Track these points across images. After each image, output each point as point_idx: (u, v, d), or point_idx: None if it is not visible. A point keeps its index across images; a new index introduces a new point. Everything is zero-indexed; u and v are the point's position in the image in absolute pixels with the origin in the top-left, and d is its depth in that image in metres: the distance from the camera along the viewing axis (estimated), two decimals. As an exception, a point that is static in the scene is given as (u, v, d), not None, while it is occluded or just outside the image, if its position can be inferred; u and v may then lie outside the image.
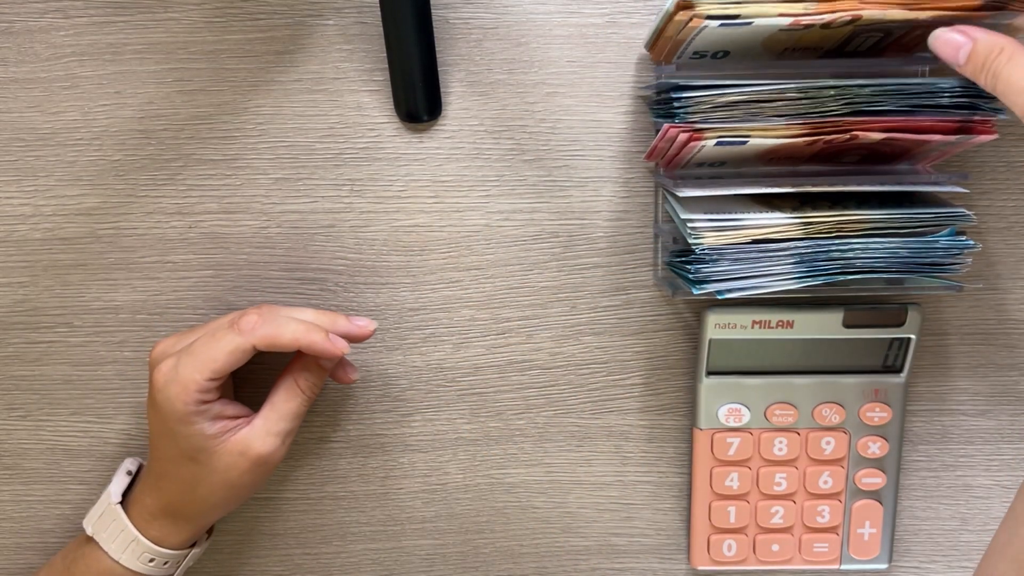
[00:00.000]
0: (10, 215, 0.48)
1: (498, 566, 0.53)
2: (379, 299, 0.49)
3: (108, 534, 0.44)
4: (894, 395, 0.48)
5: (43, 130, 0.47)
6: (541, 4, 0.46)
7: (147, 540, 0.43)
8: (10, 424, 0.50)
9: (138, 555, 0.44)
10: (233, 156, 0.47)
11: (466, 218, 0.48)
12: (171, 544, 0.44)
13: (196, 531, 0.45)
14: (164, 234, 0.48)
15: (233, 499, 0.44)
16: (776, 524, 0.49)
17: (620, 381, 0.50)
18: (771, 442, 0.48)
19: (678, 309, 0.49)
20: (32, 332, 0.49)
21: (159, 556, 0.44)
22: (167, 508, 0.44)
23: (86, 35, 0.46)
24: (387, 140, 0.47)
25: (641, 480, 0.51)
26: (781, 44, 0.40)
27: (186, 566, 0.46)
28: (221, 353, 0.41)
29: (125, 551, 0.44)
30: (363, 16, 0.46)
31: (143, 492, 0.45)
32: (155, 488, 0.44)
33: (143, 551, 0.44)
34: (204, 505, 0.44)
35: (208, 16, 0.46)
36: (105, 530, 0.44)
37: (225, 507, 0.45)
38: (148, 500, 0.44)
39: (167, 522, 0.44)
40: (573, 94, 0.46)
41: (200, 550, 0.47)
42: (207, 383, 0.41)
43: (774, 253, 0.40)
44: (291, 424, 0.44)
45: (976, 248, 0.41)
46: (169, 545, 0.44)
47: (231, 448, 0.42)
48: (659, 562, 0.52)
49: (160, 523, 0.44)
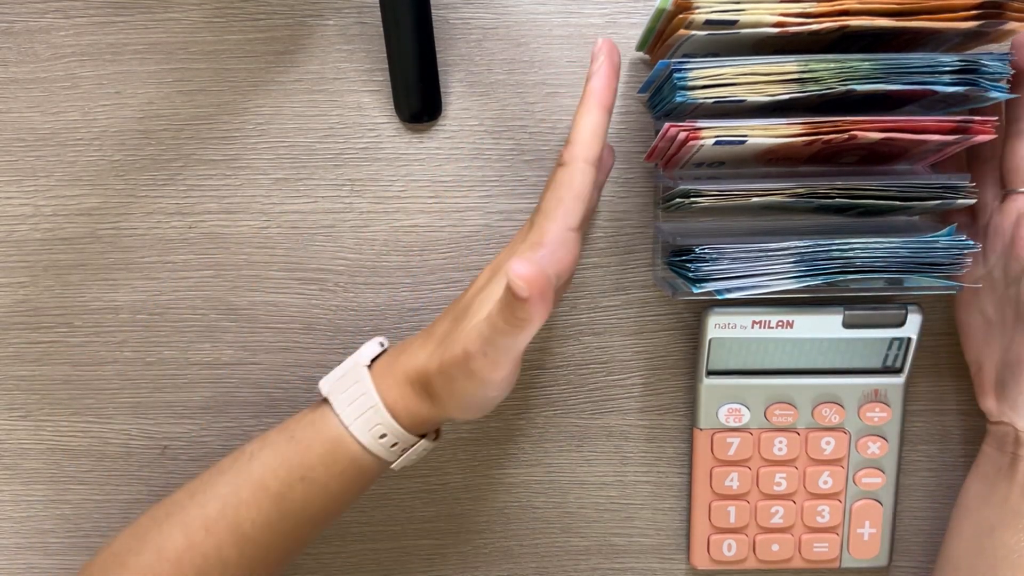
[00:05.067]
0: (10, 215, 0.48)
1: (498, 566, 0.53)
2: (379, 299, 0.49)
3: (346, 396, 0.41)
4: (894, 395, 0.48)
5: (43, 130, 0.47)
6: (541, 4, 0.46)
7: (385, 409, 0.40)
8: (10, 424, 0.50)
9: (371, 426, 0.40)
10: (233, 156, 0.47)
11: (466, 218, 0.48)
12: (405, 422, 0.41)
13: (434, 416, 0.41)
14: (164, 234, 0.48)
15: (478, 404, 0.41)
16: (776, 524, 0.49)
17: (620, 381, 0.50)
18: (771, 442, 0.48)
19: (678, 309, 0.49)
20: (32, 332, 0.49)
21: (391, 432, 0.40)
22: (422, 374, 0.40)
23: (86, 35, 0.46)
24: (387, 140, 0.47)
25: (641, 480, 0.51)
26: (771, 47, 0.40)
27: (408, 459, 0.42)
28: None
29: (359, 418, 0.40)
30: (363, 16, 0.46)
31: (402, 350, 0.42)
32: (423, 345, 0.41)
33: (377, 422, 0.40)
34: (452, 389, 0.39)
35: (208, 16, 0.46)
36: (344, 391, 0.41)
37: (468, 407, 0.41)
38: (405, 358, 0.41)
39: (411, 391, 0.40)
40: (573, 94, 0.46)
41: (427, 445, 0.43)
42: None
43: (774, 252, 0.40)
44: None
45: (976, 248, 0.41)
46: (403, 422, 0.40)
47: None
48: (659, 562, 0.52)
49: (404, 389, 0.40)
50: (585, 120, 0.38)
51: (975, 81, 0.38)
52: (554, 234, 0.38)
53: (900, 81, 0.38)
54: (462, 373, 0.38)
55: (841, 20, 0.36)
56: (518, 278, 0.32)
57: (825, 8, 0.36)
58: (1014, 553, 0.43)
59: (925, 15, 0.37)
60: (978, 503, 0.46)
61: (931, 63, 0.38)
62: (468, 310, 0.39)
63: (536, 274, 0.32)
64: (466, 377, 0.38)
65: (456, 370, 0.38)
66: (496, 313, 0.35)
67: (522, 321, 0.33)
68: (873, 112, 0.39)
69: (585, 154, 0.38)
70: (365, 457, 0.41)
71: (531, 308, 0.32)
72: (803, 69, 0.37)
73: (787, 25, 0.36)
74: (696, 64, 0.37)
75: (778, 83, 0.38)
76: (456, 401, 0.40)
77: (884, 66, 0.38)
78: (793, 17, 0.36)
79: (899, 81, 0.38)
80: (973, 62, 0.38)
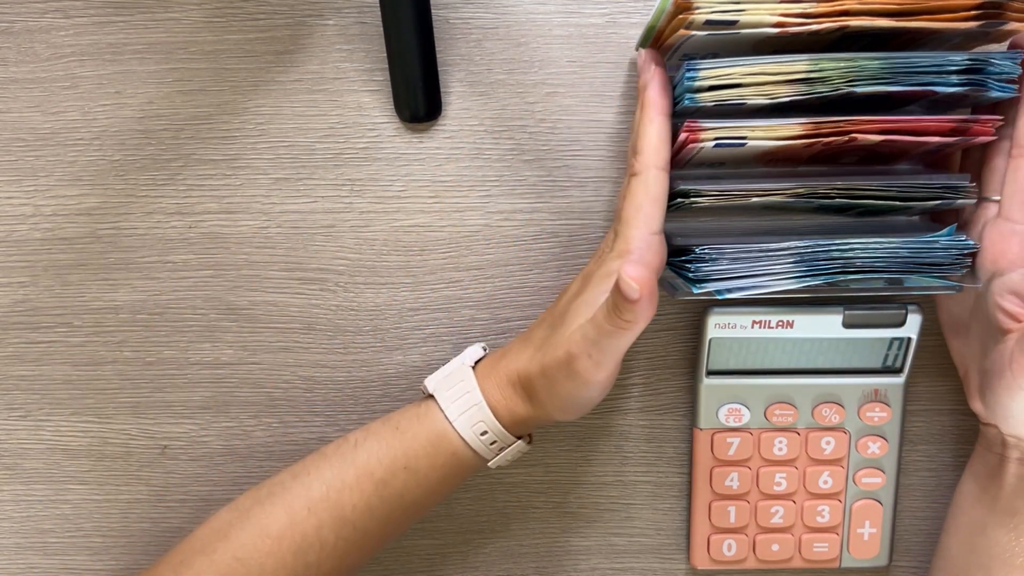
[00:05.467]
0: (10, 215, 0.48)
1: (498, 566, 0.53)
2: (379, 299, 0.49)
3: (451, 393, 0.43)
4: (894, 395, 0.48)
5: (43, 130, 0.47)
6: (541, 4, 0.46)
7: (488, 407, 0.42)
8: (10, 424, 0.50)
9: (473, 423, 0.42)
10: (233, 156, 0.47)
11: (466, 218, 0.48)
12: (505, 421, 0.43)
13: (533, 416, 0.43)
14: (164, 234, 0.48)
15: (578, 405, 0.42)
16: (776, 524, 0.49)
17: (620, 381, 0.50)
18: (771, 442, 0.48)
19: (678, 309, 0.49)
20: (32, 332, 0.49)
21: (491, 430, 0.42)
22: (524, 376, 0.42)
23: (86, 35, 0.46)
24: (387, 140, 0.47)
25: (641, 480, 0.51)
26: (770, 48, 0.40)
27: (504, 458, 0.44)
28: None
29: (463, 415, 0.42)
30: (363, 16, 0.46)
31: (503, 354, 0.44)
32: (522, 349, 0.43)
33: (480, 419, 0.42)
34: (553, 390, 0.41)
35: (208, 16, 0.46)
36: (449, 389, 0.43)
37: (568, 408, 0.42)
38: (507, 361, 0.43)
39: (511, 392, 0.43)
40: (573, 94, 0.46)
41: (522, 447, 0.45)
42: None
43: (774, 252, 0.40)
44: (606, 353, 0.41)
45: (976, 248, 0.41)
46: (503, 421, 0.43)
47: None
48: (659, 562, 0.52)
49: (506, 391, 0.43)
50: (650, 129, 0.40)
51: (982, 81, 0.38)
52: (639, 240, 0.40)
53: (906, 82, 0.38)
54: (565, 375, 0.40)
55: (841, 20, 0.36)
56: (631, 279, 0.34)
57: (825, 8, 0.36)
58: (1006, 552, 0.43)
59: (925, 15, 0.36)
60: (971, 502, 0.46)
61: (939, 62, 0.38)
62: (565, 316, 0.41)
63: (647, 276, 0.35)
64: (569, 378, 0.40)
65: (559, 372, 0.40)
66: (603, 315, 0.37)
67: (628, 323, 0.36)
68: (873, 111, 0.39)
69: (656, 161, 0.40)
70: (465, 452, 0.43)
71: (639, 309, 0.35)
72: (813, 68, 0.37)
73: (787, 25, 0.36)
74: (705, 65, 0.38)
75: (785, 84, 0.38)
76: (557, 402, 0.42)
77: (892, 65, 0.38)
78: (793, 17, 0.36)
79: (905, 82, 0.38)
80: (982, 61, 0.38)
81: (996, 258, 0.41)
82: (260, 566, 0.42)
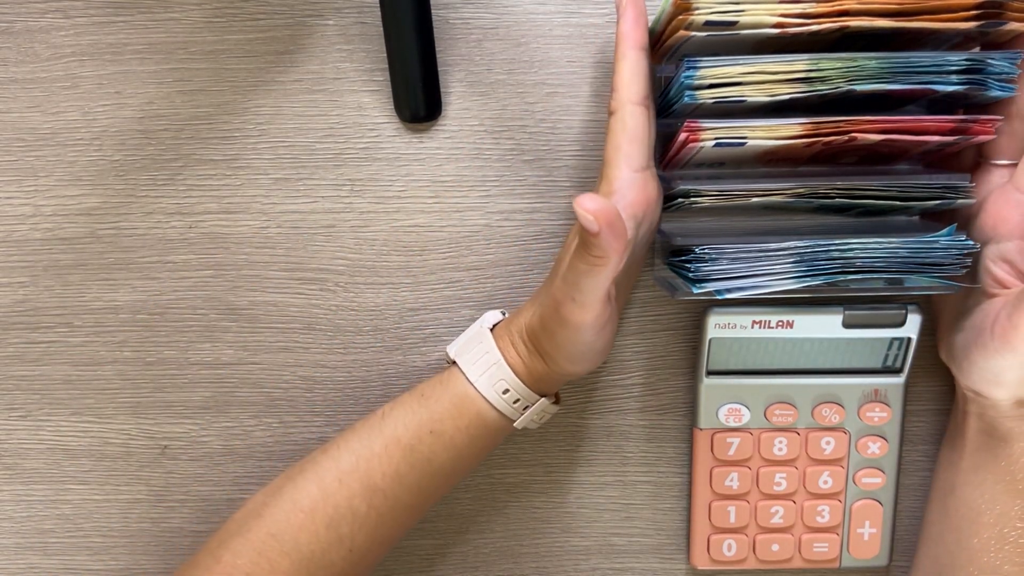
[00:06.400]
0: (10, 215, 0.48)
1: (498, 566, 0.53)
2: (379, 299, 0.49)
3: (471, 355, 0.44)
4: (894, 395, 0.48)
5: (43, 130, 0.47)
6: (541, 4, 0.46)
7: (507, 365, 0.43)
8: (10, 424, 0.50)
9: (494, 382, 0.43)
10: (233, 156, 0.47)
11: (466, 218, 0.48)
12: (525, 378, 0.43)
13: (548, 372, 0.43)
14: (164, 234, 0.48)
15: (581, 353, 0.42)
16: (776, 524, 0.49)
17: (620, 381, 0.50)
18: (771, 442, 0.48)
19: (678, 309, 0.49)
20: (32, 332, 0.49)
21: (513, 387, 0.43)
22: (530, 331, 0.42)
23: (86, 35, 0.46)
24: (387, 140, 0.47)
25: (641, 480, 0.51)
26: (770, 48, 0.40)
27: (531, 417, 0.44)
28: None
29: (483, 375, 0.43)
30: (363, 16, 0.46)
31: (517, 314, 0.44)
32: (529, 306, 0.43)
33: (500, 377, 0.43)
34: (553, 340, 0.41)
35: (208, 16, 0.46)
36: (469, 351, 0.44)
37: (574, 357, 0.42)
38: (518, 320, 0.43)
39: (524, 349, 0.43)
40: (573, 94, 0.46)
41: (547, 406, 0.45)
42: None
43: (774, 252, 0.40)
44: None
45: (976, 248, 0.41)
46: (523, 378, 0.43)
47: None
48: (659, 562, 0.52)
49: (520, 348, 0.43)
50: (623, 65, 0.39)
51: (982, 81, 0.38)
52: (621, 180, 0.39)
53: (906, 81, 0.38)
54: (557, 322, 0.40)
55: (841, 21, 0.36)
56: (587, 212, 0.33)
57: (825, 9, 0.36)
58: (973, 511, 0.44)
59: (925, 15, 0.36)
60: (944, 466, 0.47)
61: (939, 62, 0.38)
62: (557, 267, 0.42)
63: (602, 206, 0.33)
64: (561, 325, 0.40)
65: (552, 321, 0.40)
66: (575, 255, 0.36)
67: (598, 258, 0.35)
68: (873, 111, 0.39)
69: (630, 96, 0.39)
70: (489, 412, 0.43)
71: (603, 242, 0.34)
72: (812, 67, 0.38)
73: (787, 26, 0.36)
74: (704, 62, 0.38)
75: (785, 83, 0.38)
76: (562, 352, 0.41)
77: (891, 65, 0.38)
78: (793, 18, 0.36)
79: (905, 81, 0.38)
80: (980, 61, 0.38)
81: (996, 224, 0.41)
82: (294, 540, 0.42)
